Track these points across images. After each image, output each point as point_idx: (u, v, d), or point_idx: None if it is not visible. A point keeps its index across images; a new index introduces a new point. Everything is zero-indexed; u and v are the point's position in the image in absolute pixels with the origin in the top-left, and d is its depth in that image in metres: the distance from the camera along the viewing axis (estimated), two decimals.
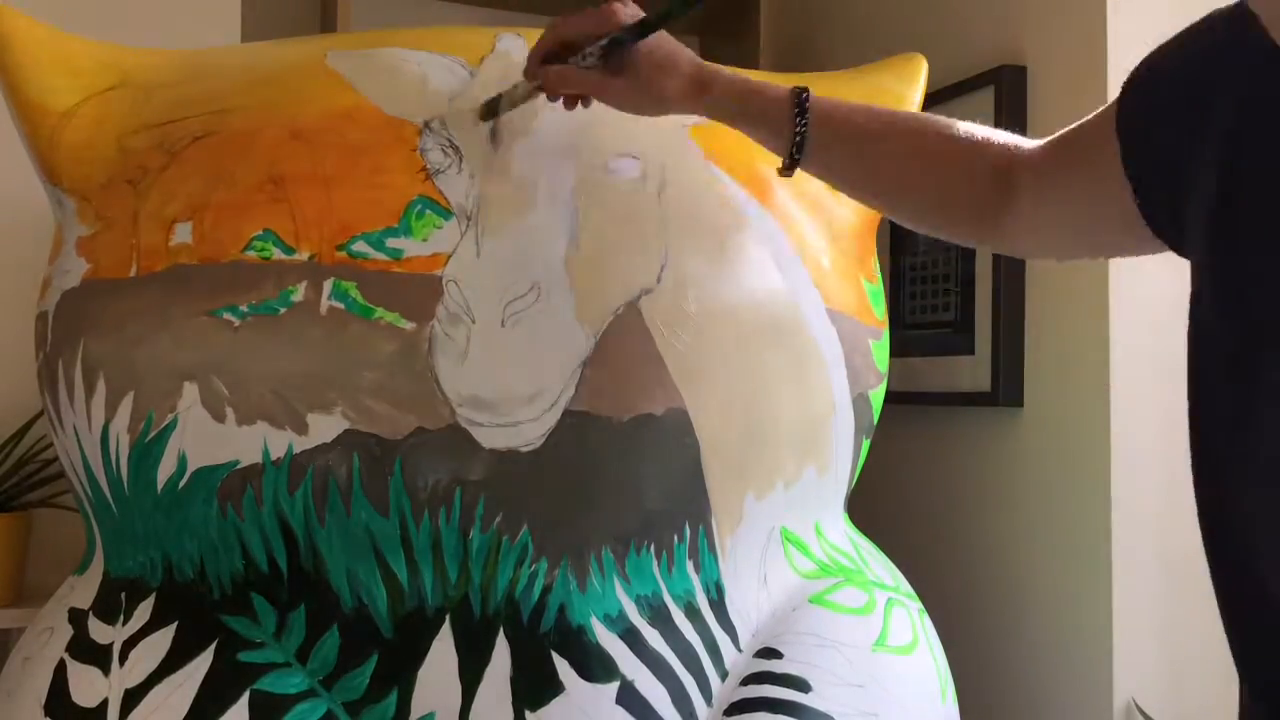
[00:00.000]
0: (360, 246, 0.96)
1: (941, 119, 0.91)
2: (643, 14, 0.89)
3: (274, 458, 0.95)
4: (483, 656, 0.98)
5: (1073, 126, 0.84)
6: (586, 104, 0.97)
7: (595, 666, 0.99)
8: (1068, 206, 0.83)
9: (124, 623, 1.00)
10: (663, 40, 0.91)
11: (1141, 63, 0.76)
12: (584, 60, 0.90)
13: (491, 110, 0.98)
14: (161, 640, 0.98)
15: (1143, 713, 1.37)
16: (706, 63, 0.92)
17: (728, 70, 0.93)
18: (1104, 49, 1.42)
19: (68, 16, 1.16)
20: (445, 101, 1.02)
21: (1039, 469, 1.52)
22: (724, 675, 1.04)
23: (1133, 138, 0.75)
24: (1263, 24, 0.66)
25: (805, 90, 0.90)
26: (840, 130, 0.90)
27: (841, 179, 0.95)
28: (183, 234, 0.98)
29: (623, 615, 1.01)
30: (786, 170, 0.91)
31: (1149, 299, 1.41)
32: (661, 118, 0.97)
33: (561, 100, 0.96)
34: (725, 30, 2.19)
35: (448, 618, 0.98)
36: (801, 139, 0.89)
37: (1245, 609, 0.67)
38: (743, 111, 0.92)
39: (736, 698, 1.02)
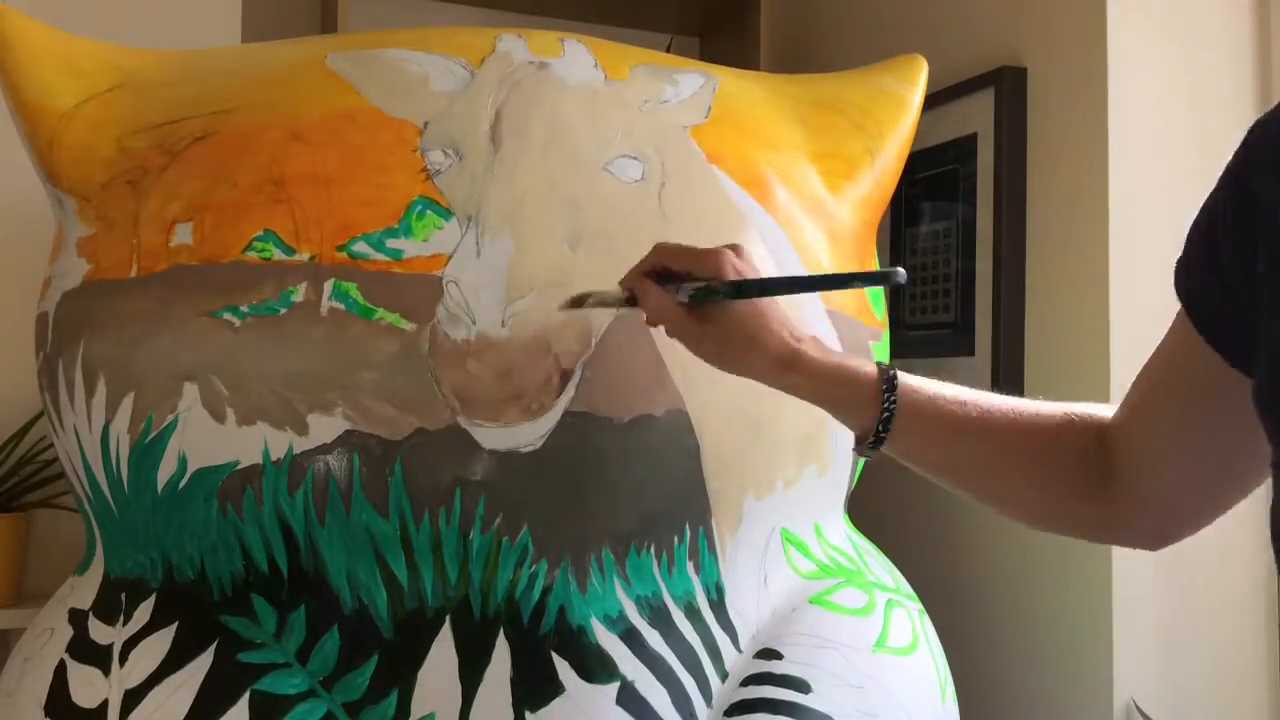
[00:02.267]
0: (361, 247, 0.96)
1: (1023, 407, 0.84)
2: (745, 270, 0.85)
3: (274, 458, 0.95)
4: (483, 657, 0.98)
5: (1143, 372, 0.79)
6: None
7: (595, 667, 0.99)
8: (1173, 430, 0.76)
9: (124, 623, 1.00)
10: (760, 311, 0.85)
11: (1190, 236, 0.71)
12: (679, 293, 0.85)
13: (578, 302, 0.93)
14: (162, 641, 0.98)
15: (1142, 713, 1.37)
16: (796, 340, 0.85)
17: (814, 351, 0.86)
18: (1104, 50, 1.42)
19: (68, 17, 1.16)
20: (446, 102, 1.02)
21: None
22: (724, 676, 1.04)
23: (1197, 303, 0.71)
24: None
25: (893, 372, 0.84)
26: (930, 423, 0.84)
27: (932, 471, 0.88)
28: (183, 234, 0.98)
29: (623, 616, 1.01)
30: (867, 450, 0.85)
31: (1149, 300, 1.41)
32: (662, 119, 0.96)
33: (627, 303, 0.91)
34: (725, 30, 2.19)
35: (448, 618, 0.98)
36: (889, 414, 0.83)
37: None
38: (827, 396, 0.86)
39: (736, 698, 1.02)
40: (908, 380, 0.85)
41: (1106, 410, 0.83)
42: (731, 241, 0.87)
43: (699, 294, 0.83)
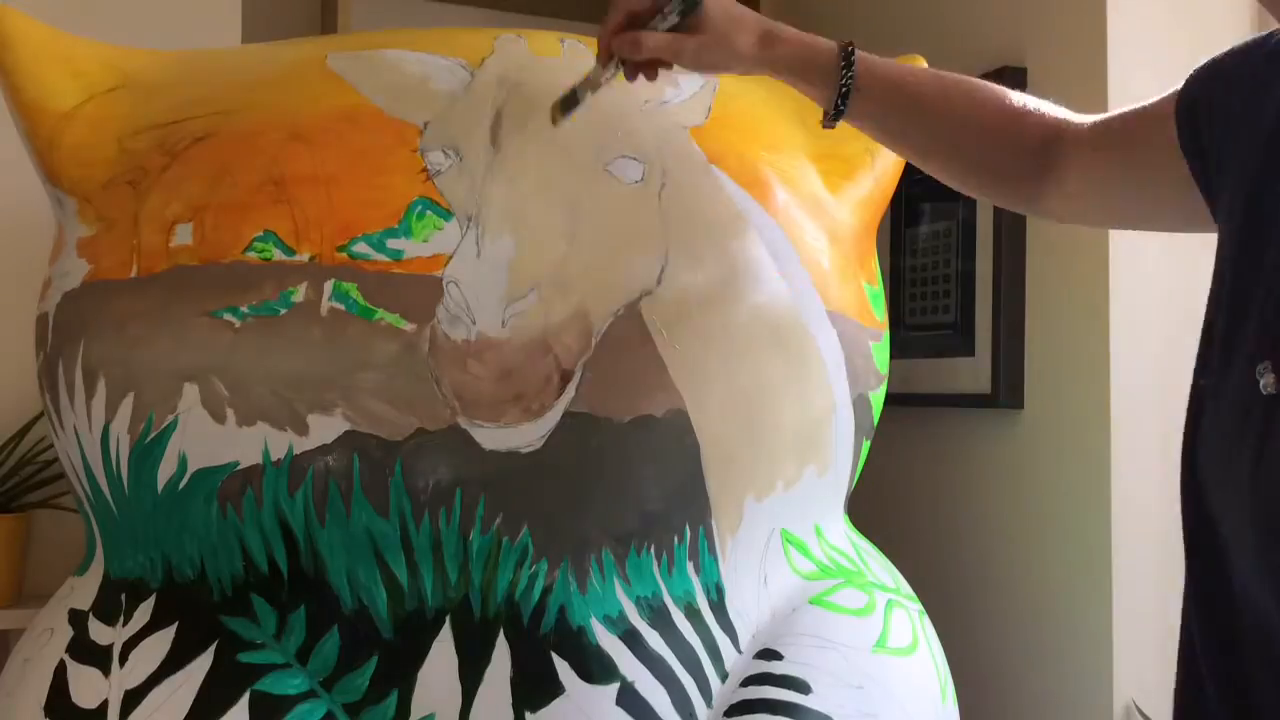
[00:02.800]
0: (361, 247, 0.96)
1: (993, 87, 0.96)
2: None
3: (274, 459, 0.95)
4: (483, 658, 0.98)
5: (1127, 109, 0.90)
6: (653, 76, 0.99)
7: (595, 668, 0.99)
8: (1116, 181, 0.90)
9: (124, 624, 1.00)
10: (729, 2, 0.94)
11: (1207, 61, 0.82)
12: (658, 26, 0.92)
13: (570, 103, 0.99)
14: (161, 641, 0.98)
15: (1143, 714, 1.37)
16: (771, 24, 0.96)
17: (789, 28, 0.97)
18: (1104, 50, 1.43)
19: (69, 17, 1.16)
20: (446, 103, 1.02)
21: (1039, 470, 1.52)
22: (724, 676, 1.04)
23: (1193, 120, 0.81)
24: None
25: (852, 44, 0.94)
26: (890, 87, 0.95)
27: (890, 135, 1.00)
28: (183, 235, 0.98)
29: (623, 616, 1.01)
30: (828, 121, 0.96)
31: (1149, 300, 1.41)
32: (662, 119, 0.96)
33: (640, 77, 0.98)
34: None
35: (448, 619, 0.98)
36: (847, 89, 0.93)
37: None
38: (802, 65, 0.96)
39: (736, 699, 1.02)
40: (869, 56, 0.95)
41: (1068, 115, 0.95)
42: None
43: (683, 9, 0.91)
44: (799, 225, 1.11)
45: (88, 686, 0.97)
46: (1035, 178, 0.94)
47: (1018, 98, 0.95)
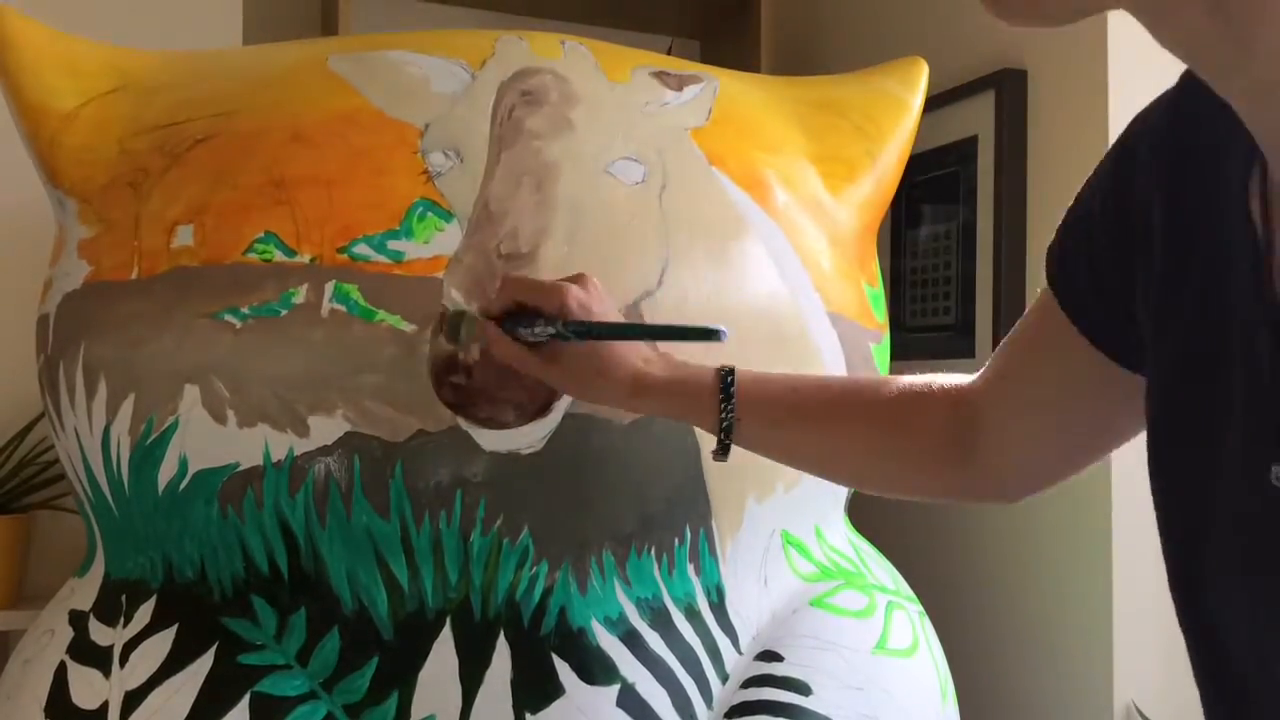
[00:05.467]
0: (361, 249, 0.96)
1: (879, 384, 0.88)
2: (590, 303, 0.86)
3: (275, 460, 0.95)
4: (483, 659, 0.98)
5: (1009, 342, 0.82)
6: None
7: (596, 669, 0.99)
8: (1038, 405, 0.78)
9: (124, 625, 1.00)
10: (604, 345, 0.87)
11: (1056, 233, 0.73)
12: (530, 335, 0.86)
13: (455, 334, 0.94)
14: (162, 642, 0.98)
15: (1142, 715, 1.37)
16: (644, 362, 0.88)
17: (660, 370, 0.88)
18: (1104, 52, 1.43)
19: (69, 18, 1.16)
20: (447, 104, 1.02)
21: None
22: (724, 678, 1.04)
23: (1070, 292, 0.72)
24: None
25: (731, 372, 0.86)
26: (774, 406, 0.87)
27: (788, 454, 0.91)
28: (184, 236, 0.98)
29: (623, 618, 1.01)
30: (719, 454, 0.87)
31: None
32: (663, 121, 0.96)
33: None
34: (725, 32, 2.19)
35: (448, 620, 0.98)
36: (729, 424, 0.85)
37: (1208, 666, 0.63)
38: (679, 405, 0.89)
39: (737, 700, 1.02)
40: (746, 381, 0.87)
41: (967, 378, 0.85)
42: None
43: (553, 335, 0.85)
44: (799, 227, 1.12)
45: (88, 687, 0.97)
46: (960, 458, 0.83)
47: (905, 386, 0.86)
